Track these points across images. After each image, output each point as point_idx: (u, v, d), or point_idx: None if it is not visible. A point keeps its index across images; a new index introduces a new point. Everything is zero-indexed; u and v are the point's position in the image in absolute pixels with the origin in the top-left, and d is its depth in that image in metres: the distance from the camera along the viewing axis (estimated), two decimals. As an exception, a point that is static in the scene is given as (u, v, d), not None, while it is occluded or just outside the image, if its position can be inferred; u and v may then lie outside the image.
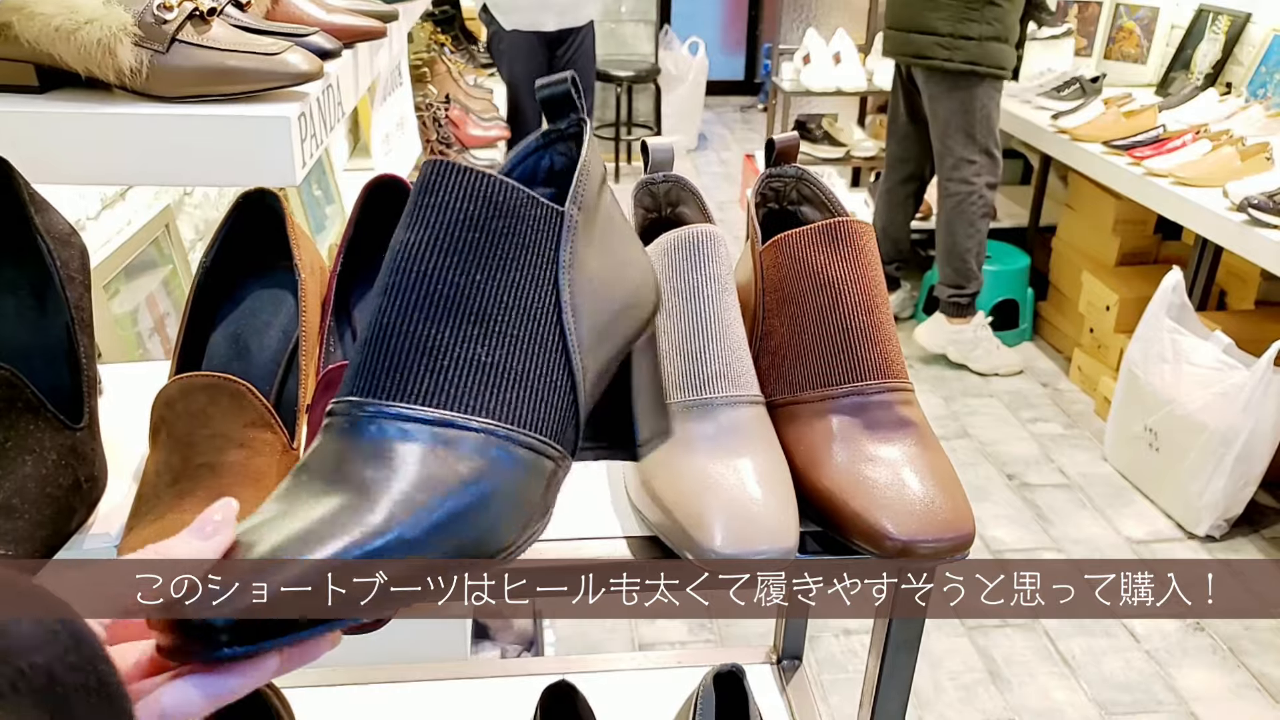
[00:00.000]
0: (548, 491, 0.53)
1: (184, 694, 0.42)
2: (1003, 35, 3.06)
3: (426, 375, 0.49)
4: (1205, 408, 2.53)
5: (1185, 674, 2.20)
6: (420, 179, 0.52)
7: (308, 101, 1.01)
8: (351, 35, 1.25)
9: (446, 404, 0.49)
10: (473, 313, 0.50)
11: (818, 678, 2.17)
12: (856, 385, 0.69)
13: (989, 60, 3.09)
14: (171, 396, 0.62)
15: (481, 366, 0.50)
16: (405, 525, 0.45)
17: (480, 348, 0.50)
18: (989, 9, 3.05)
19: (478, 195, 0.51)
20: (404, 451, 0.48)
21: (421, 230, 0.51)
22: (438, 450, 0.48)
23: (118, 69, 0.91)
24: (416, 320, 0.50)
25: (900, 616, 0.69)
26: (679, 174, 0.78)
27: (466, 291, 0.50)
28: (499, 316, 0.51)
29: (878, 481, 0.64)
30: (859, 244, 0.71)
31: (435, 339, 0.50)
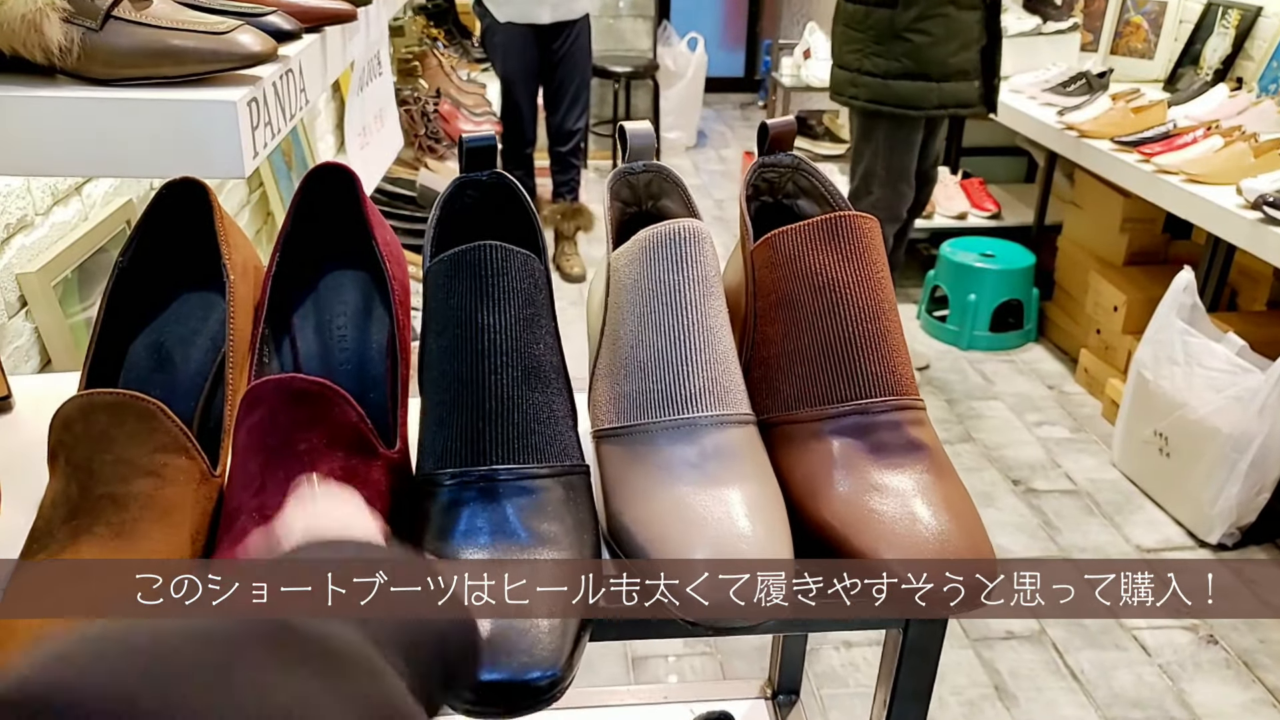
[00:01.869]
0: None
1: None
2: (917, 72, 2.84)
3: (538, 436, 0.58)
4: (1218, 412, 2.44)
5: (1198, 689, 2.12)
6: (486, 262, 0.59)
7: (260, 86, 0.92)
8: (318, 17, 1.17)
9: (553, 457, 0.59)
10: (544, 376, 0.60)
11: (817, 692, 2.09)
12: (861, 403, 0.60)
13: (894, 99, 2.89)
14: (70, 417, 0.54)
15: (556, 419, 0.60)
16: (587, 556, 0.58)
17: (553, 401, 0.60)
18: (897, 44, 2.83)
19: (527, 273, 0.60)
20: (551, 503, 0.58)
21: (508, 312, 0.59)
22: (560, 491, 0.58)
23: (45, 47, 0.83)
24: (525, 391, 0.58)
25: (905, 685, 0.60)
26: (661, 163, 0.70)
27: (539, 358, 0.60)
28: (551, 375, 0.60)
29: (885, 515, 0.56)
30: (863, 241, 0.62)
31: (536, 404, 0.59)
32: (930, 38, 2.81)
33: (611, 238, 0.68)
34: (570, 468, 0.60)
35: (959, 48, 2.85)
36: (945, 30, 2.81)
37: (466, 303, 0.58)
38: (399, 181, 2.74)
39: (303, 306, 0.66)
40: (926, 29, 2.80)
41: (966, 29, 2.84)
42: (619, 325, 0.62)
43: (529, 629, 0.50)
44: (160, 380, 0.61)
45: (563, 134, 3.98)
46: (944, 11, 2.79)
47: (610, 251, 0.66)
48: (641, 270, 0.61)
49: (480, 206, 0.67)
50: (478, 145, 0.66)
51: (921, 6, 2.78)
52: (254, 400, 0.55)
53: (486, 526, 0.55)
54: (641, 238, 0.61)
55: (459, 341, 0.58)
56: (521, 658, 0.49)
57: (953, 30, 2.82)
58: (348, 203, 0.65)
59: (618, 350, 0.62)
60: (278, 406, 0.54)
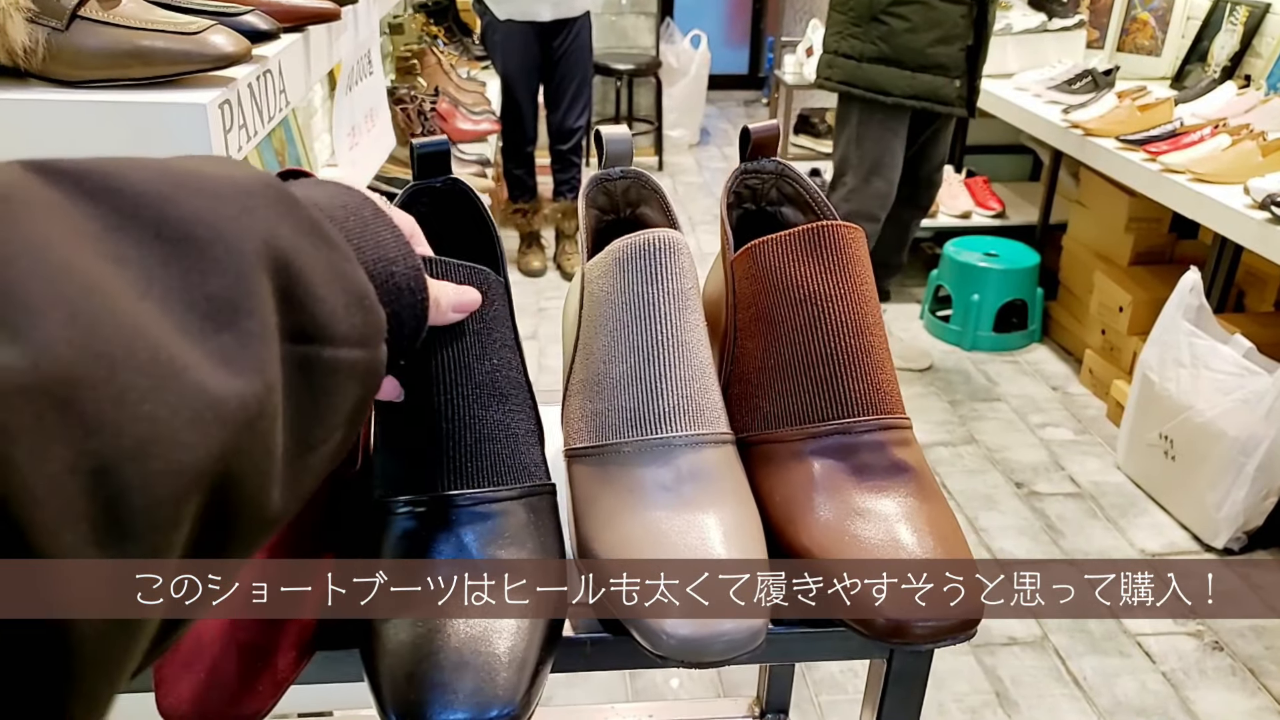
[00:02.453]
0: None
1: None
2: (891, 57, 2.79)
3: (494, 456, 0.56)
4: (1224, 414, 2.41)
5: (1203, 696, 2.09)
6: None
7: (234, 87, 0.90)
8: (299, 16, 1.14)
9: (512, 478, 0.56)
10: (499, 392, 0.57)
11: (815, 699, 2.06)
12: (844, 422, 0.57)
13: (864, 82, 2.83)
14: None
15: (515, 437, 0.57)
16: (551, 582, 0.54)
17: (511, 419, 0.57)
18: (873, 26, 2.78)
19: (484, 288, 0.56)
20: (512, 527, 0.55)
21: (453, 327, 0.55)
22: (524, 515, 0.56)
23: (9, 48, 0.81)
24: (476, 410, 0.55)
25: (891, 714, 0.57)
26: (637, 169, 0.67)
27: (493, 374, 0.57)
28: (509, 390, 0.57)
29: (867, 542, 0.53)
30: (847, 252, 0.59)
31: (491, 422, 0.56)
32: (907, 23, 2.75)
33: (587, 247, 0.66)
34: (532, 488, 0.57)
35: (937, 40, 2.78)
36: (924, 19, 2.75)
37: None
38: (394, 181, 2.71)
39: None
40: (904, 14, 2.74)
41: (948, 22, 2.77)
42: (592, 340, 0.60)
43: (486, 663, 0.48)
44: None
45: (564, 132, 3.95)
46: (924, 0, 2.74)
47: (584, 261, 0.63)
48: (614, 283, 0.58)
49: (435, 215, 0.64)
50: (430, 150, 0.63)
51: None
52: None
53: (445, 554, 0.52)
54: (614, 249, 0.59)
55: (408, 364, 0.55)
56: (477, 696, 0.46)
57: (932, 20, 2.75)
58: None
59: (590, 366, 0.59)
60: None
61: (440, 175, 0.63)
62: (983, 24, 2.81)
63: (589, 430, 0.59)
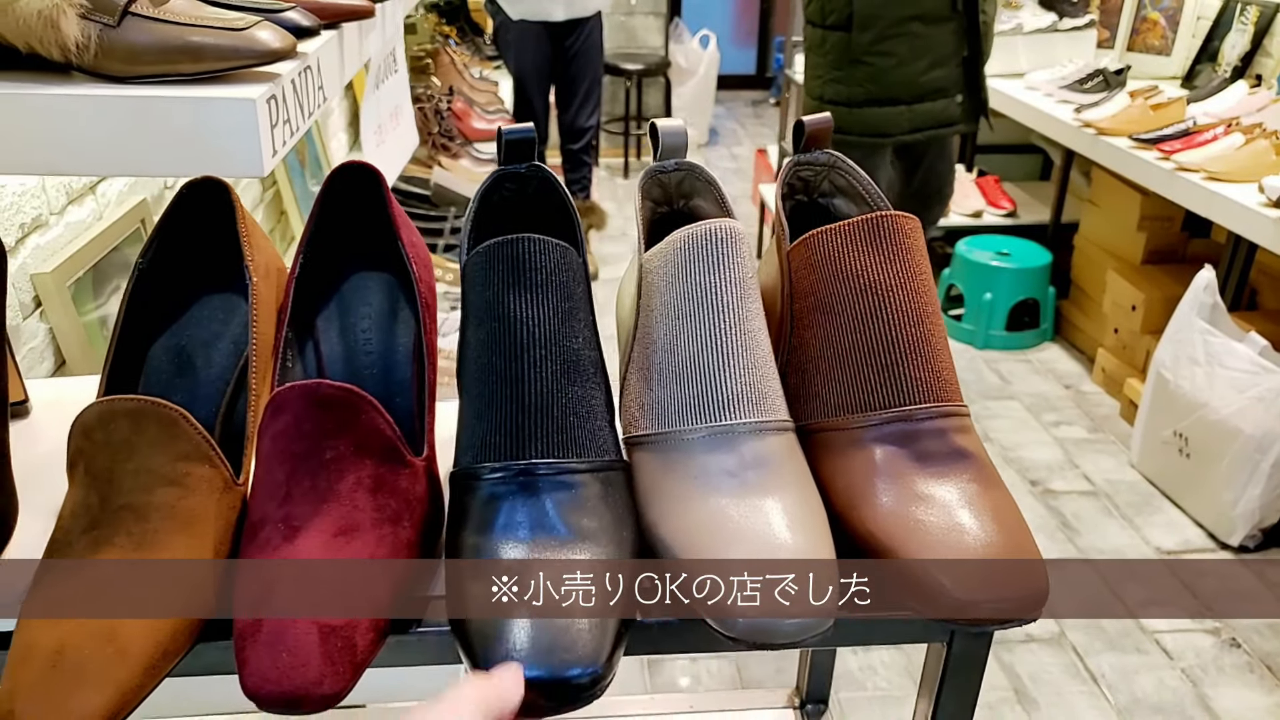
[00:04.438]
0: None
1: None
2: (884, 96, 2.60)
3: (578, 429, 0.57)
4: (1239, 412, 2.41)
5: (1221, 693, 2.09)
6: (524, 255, 0.58)
7: (279, 83, 0.91)
8: (335, 14, 1.15)
9: (593, 451, 0.58)
10: (583, 369, 0.59)
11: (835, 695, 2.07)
12: (904, 409, 0.58)
13: (860, 128, 2.65)
14: (89, 424, 0.52)
15: (595, 413, 0.59)
16: (627, 553, 0.56)
17: (593, 395, 0.59)
18: (856, 69, 2.59)
19: (564, 266, 0.59)
20: (592, 497, 0.56)
21: (547, 305, 0.58)
22: (599, 486, 0.57)
23: (62, 44, 0.81)
24: (564, 384, 0.57)
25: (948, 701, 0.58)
26: (693, 161, 0.68)
27: (579, 351, 0.59)
28: (591, 369, 0.59)
29: (931, 526, 0.54)
30: (906, 243, 0.60)
31: (576, 397, 0.58)
32: (894, 59, 2.57)
33: (643, 238, 0.66)
34: (609, 463, 0.58)
35: (930, 65, 2.60)
36: (911, 49, 2.57)
37: (504, 295, 0.57)
38: (413, 180, 2.72)
39: (326, 309, 0.64)
40: (888, 50, 2.56)
41: (938, 45, 2.60)
42: (651, 328, 0.60)
43: (569, 626, 0.49)
44: (181, 385, 0.59)
45: (574, 131, 3.96)
46: (908, 30, 2.55)
47: (641, 252, 0.64)
48: (676, 271, 0.59)
49: (518, 199, 0.66)
50: (517, 137, 0.65)
51: (880, 27, 2.54)
52: (279, 406, 0.53)
53: (526, 521, 0.54)
54: (676, 238, 0.59)
55: (496, 335, 0.57)
56: (562, 654, 0.48)
57: (920, 49, 2.57)
58: (372, 202, 0.64)
59: (650, 354, 0.60)
60: (303, 413, 0.52)
61: (525, 161, 0.65)
62: (975, 32, 2.64)
63: (650, 418, 0.59)
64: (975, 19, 2.61)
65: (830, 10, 2.59)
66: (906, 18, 2.53)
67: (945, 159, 2.94)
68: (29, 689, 0.45)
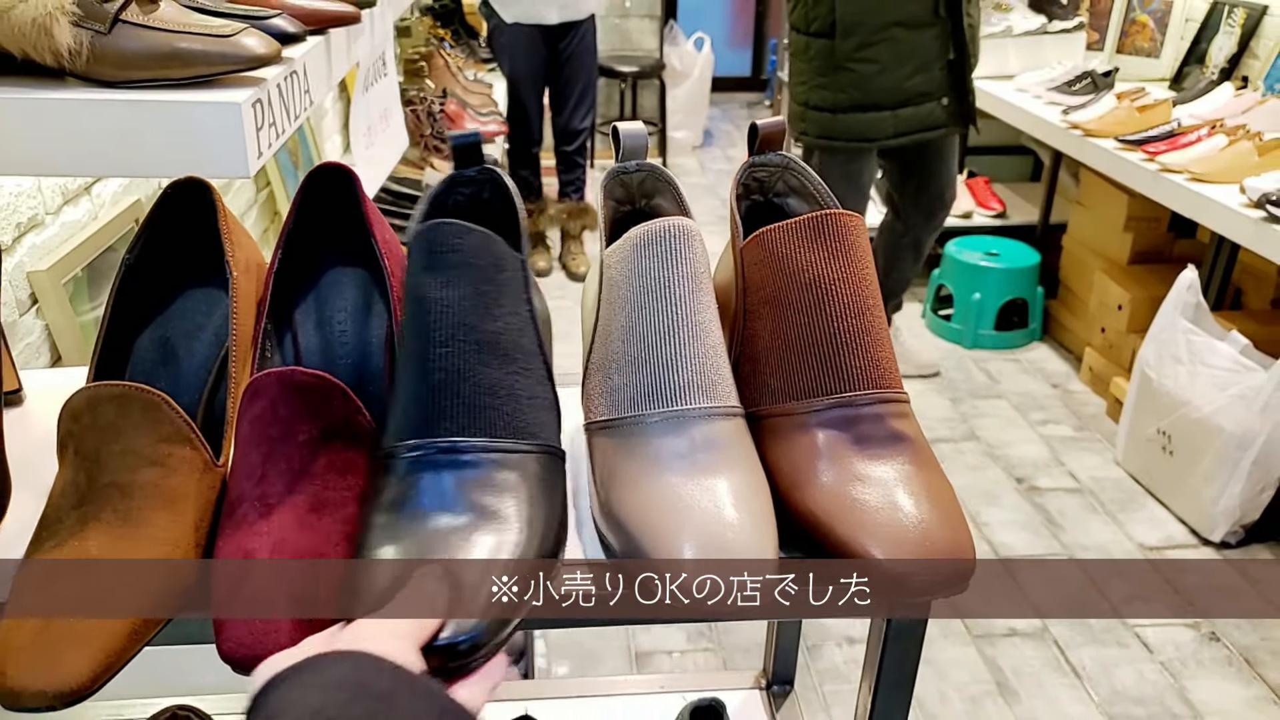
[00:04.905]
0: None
1: (468, 696, 0.52)
2: (868, 102, 2.62)
3: (493, 410, 0.59)
4: (1221, 410, 2.45)
5: (1200, 686, 2.13)
6: (438, 240, 0.60)
7: (265, 87, 0.94)
8: (321, 20, 1.19)
9: (511, 434, 0.59)
10: (503, 353, 0.60)
11: (819, 688, 2.10)
12: (845, 396, 0.62)
13: (844, 134, 2.67)
14: (77, 408, 0.56)
15: (518, 398, 0.60)
16: (534, 533, 0.57)
17: (516, 380, 0.60)
18: (840, 75, 2.60)
19: (488, 251, 0.61)
20: (503, 478, 0.58)
21: (458, 287, 0.60)
22: (521, 470, 0.58)
23: (55, 50, 0.85)
24: (475, 365, 0.59)
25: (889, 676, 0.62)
26: (653, 162, 0.71)
27: (498, 335, 0.60)
28: (516, 354, 0.61)
29: (867, 504, 0.58)
30: (849, 239, 0.64)
31: (491, 379, 0.59)
32: (877, 65, 2.59)
33: (605, 235, 0.70)
34: (530, 448, 0.60)
35: (914, 70, 2.62)
36: (894, 55, 2.59)
37: (420, 278, 0.60)
38: (404, 181, 2.76)
39: (304, 303, 0.68)
40: (871, 56, 2.58)
41: (921, 50, 2.61)
42: (610, 320, 0.64)
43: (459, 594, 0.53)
44: (165, 374, 0.63)
45: (569, 133, 3.99)
46: (890, 36, 2.57)
47: (603, 249, 0.68)
48: (632, 267, 0.63)
49: (470, 202, 0.69)
50: (463, 143, 0.69)
51: (863, 34, 2.56)
52: (256, 392, 0.57)
53: (427, 496, 0.56)
54: (633, 235, 0.63)
55: (412, 317, 0.59)
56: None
57: (903, 53, 2.59)
58: (348, 202, 0.67)
59: (609, 345, 0.64)
60: (279, 398, 0.56)
61: (475, 165, 0.68)
62: (960, 35, 2.64)
63: (609, 404, 0.63)
64: (959, 23, 2.62)
65: (814, 17, 2.62)
66: (889, 24, 2.55)
67: (944, 162, 2.94)
68: (19, 651, 0.49)
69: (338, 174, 0.66)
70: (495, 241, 0.61)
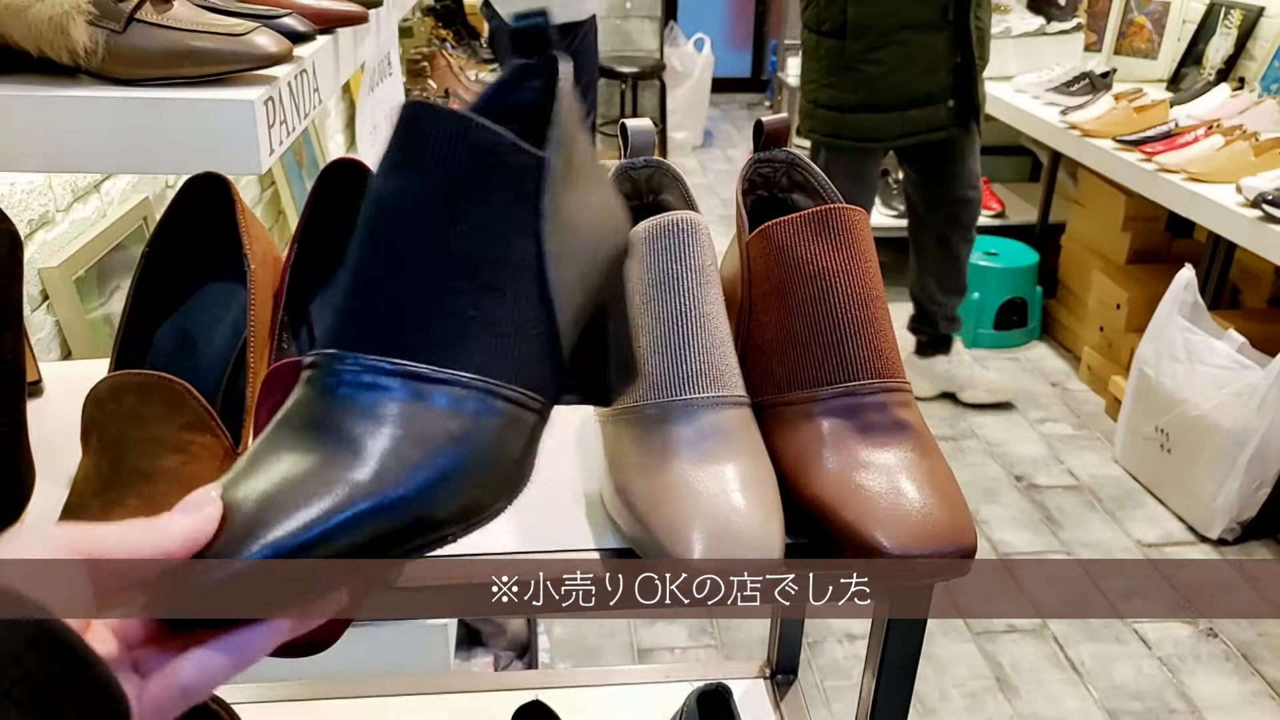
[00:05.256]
0: (530, 446, 0.50)
1: (204, 662, 0.40)
2: (876, 103, 2.64)
3: (410, 328, 0.47)
4: (1218, 408, 2.47)
5: (1198, 681, 2.15)
6: (400, 122, 0.49)
7: (276, 85, 0.96)
8: (330, 19, 1.20)
9: (430, 358, 0.47)
10: (454, 264, 0.48)
11: (820, 684, 2.12)
12: (849, 385, 0.63)
13: (851, 133, 2.69)
14: (101, 397, 0.57)
15: (464, 319, 0.48)
16: (394, 482, 0.44)
17: (463, 299, 0.48)
18: (848, 75, 2.63)
19: (461, 141, 0.48)
20: (389, 406, 0.46)
21: (403, 177, 0.49)
22: (422, 405, 0.46)
23: (71, 48, 0.87)
24: (399, 271, 0.48)
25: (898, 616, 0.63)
26: (660, 158, 0.73)
27: (449, 242, 0.48)
28: (480, 268, 0.48)
29: (871, 490, 0.59)
30: (853, 233, 0.66)
31: (418, 291, 0.48)
32: (884, 67, 2.61)
33: (614, 230, 0.71)
34: (454, 380, 0.47)
35: (921, 73, 2.64)
36: (903, 57, 2.61)
37: (381, 169, 0.50)
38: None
39: (319, 294, 0.69)
40: (879, 58, 2.60)
41: (929, 52, 2.63)
42: (621, 312, 0.65)
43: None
44: (185, 364, 0.64)
45: (570, 134, 4.01)
46: (898, 39, 2.59)
47: (612, 243, 0.69)
48: (640, 261, 0.64)
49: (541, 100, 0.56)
50: (527, 26, 0.55)
51: (872, 36, 2.58)
52: (275, 381, 0.58)
53: (313, 428, 0.46)
54: (640, 230, 0.65)
55: (361, 216, 0.50)
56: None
57: (911, 56, 2.61)
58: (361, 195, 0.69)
59: (619, 336, 0.65)
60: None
61: (542, 50, 0.57)
62: (966, 38, 2.65)
63: (620, 394, 0.64)
64: (966, 28, 2.64)
65: (825, 18, 2.64)
66: (898, 26, 2.57)
67: (961, 162, 2.91)
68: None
69: (352, 169, 0.68)
70: (480, 130, 0.48)
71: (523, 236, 0.49)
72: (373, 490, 0.43)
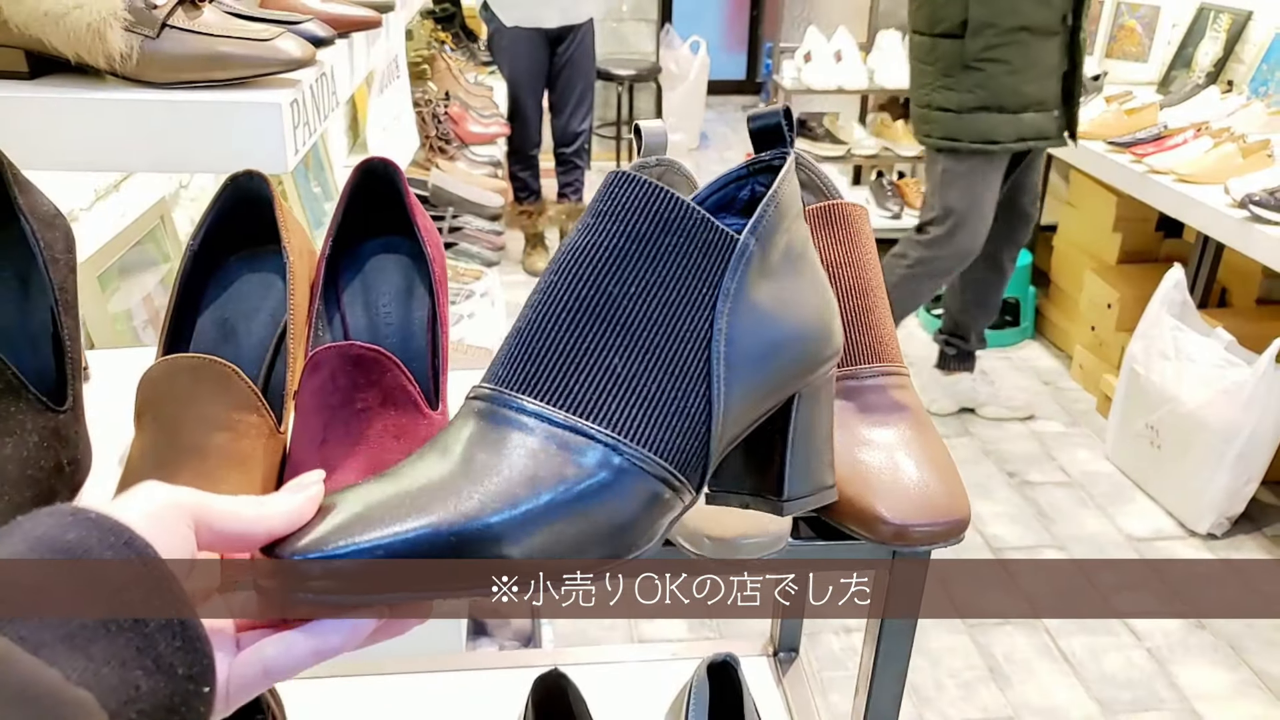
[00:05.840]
0: (656, 518, 0.51)
1: (286, 645, 0.43)
2: (992, 104, 2.63)
3: (560, 376, 0.50)
4: (1207, 405, 2.52)
5: (1187, 671, 2.19)
6: (602, 188, 0.53)
7: (300, 88, 1.00)
8: (346, 25, 1.25)
9: (574, 409, 0.49)
10: (618, 322, 0.50)
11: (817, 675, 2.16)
12: (850, 369, 0.68)
13: (969, 135, 2.67)
14: (156, 378, 0.61)
15: (615, 377, 0.50)
16: (498, 514, 0.46)
17: (617, 358, 0.50)
18: (967, 75, 2.62)
19: (651, 210, 0.51)
20: (517, 443, 0.48)
21: (591, 236, 0.52)
22: (551, 451, 0.48)
23: (108, 54, 0.91)
24: (564, 321, 0.50)
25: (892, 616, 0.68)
26: (672, 158, 0.77)
27: (618, 301, 0.50)
28: (643, 331, 0.50)
29: (872, 465, 0.64)
30: (853, 227, 0.70)
31: (576, 343, 0.50)
32: (1006, 66, 2.60)
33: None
34: (593, 432, 0.49)
35: (1037, 76, 2.63)
36: (1023, 59, 2.60)
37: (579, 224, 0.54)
38: (412, 181, 2.81)
39: (352, 286, 0.73)
40: (1000, 57, 2.59)
41: (1046, 56, 2.63)
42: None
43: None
44: (227, 351, 0.68)
45: (567, 136, 4.06)
46: (1018, 39, 2.58)
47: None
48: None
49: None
50: (764, 125, 0.60)
51: (992, 35, 2.57)
52: (317, 364, 0.62)
53: (436, 440, 0.51)
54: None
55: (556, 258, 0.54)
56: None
57: (1030, 59, 2.61)
58: (393, 193, 0.73)
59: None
60: (338, 370, 0.62)
61: (775, 146, 0.60)
62: (1076, 47, 2.67)
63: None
64: (1078, 34, 2.65)
65: (941, 19, 2.63)
66: (1018, 27, 2.57)
67: (1033, 175, 2.94)
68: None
69: (383, 168, 0.72)
70: (673, 201, 0.52)
71: (697, 309, 0.51)
72: (475, 515, 0.45)
